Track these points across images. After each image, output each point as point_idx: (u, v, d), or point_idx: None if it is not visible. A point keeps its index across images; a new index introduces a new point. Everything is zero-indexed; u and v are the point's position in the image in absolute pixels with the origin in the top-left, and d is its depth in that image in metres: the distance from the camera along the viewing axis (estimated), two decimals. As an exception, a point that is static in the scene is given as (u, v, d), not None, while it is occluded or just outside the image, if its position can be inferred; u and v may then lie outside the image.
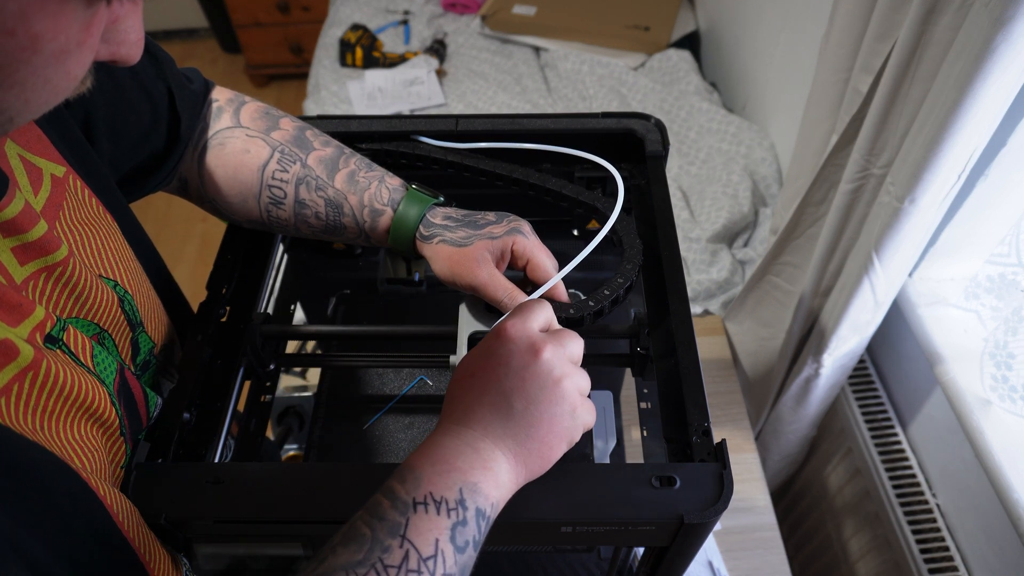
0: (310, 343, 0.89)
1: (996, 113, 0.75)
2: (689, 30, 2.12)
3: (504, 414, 0.44)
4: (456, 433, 0.44)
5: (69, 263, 0.46)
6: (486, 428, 0.44)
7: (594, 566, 0.75)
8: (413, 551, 0.39)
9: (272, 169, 0.61)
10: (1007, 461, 0.88)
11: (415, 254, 0.62)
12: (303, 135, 0.63)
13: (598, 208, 0.65)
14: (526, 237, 0.58)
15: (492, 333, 0.48)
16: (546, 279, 0.58)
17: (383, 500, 0.41)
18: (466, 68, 2.13)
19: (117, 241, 0.53)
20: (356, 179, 0.61)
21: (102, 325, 0.50)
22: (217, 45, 3.28)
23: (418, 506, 0.40)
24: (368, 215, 0.61)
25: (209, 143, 0.62)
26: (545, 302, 0.51)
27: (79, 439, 0.44)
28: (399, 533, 0.39)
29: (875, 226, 0.91)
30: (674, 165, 1.75)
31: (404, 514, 0.40)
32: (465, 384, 0.46)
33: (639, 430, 0.63)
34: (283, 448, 0.83)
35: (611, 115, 0.72)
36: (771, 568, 1.02)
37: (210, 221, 2.57)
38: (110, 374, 0.48)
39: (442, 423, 0.45)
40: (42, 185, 0.46)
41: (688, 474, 0.48)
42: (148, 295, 0.57)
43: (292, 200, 0.62)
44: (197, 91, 0.62)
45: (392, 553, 0.38)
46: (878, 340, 1.21)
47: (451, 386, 0.47)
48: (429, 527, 0.40)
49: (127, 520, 0.44)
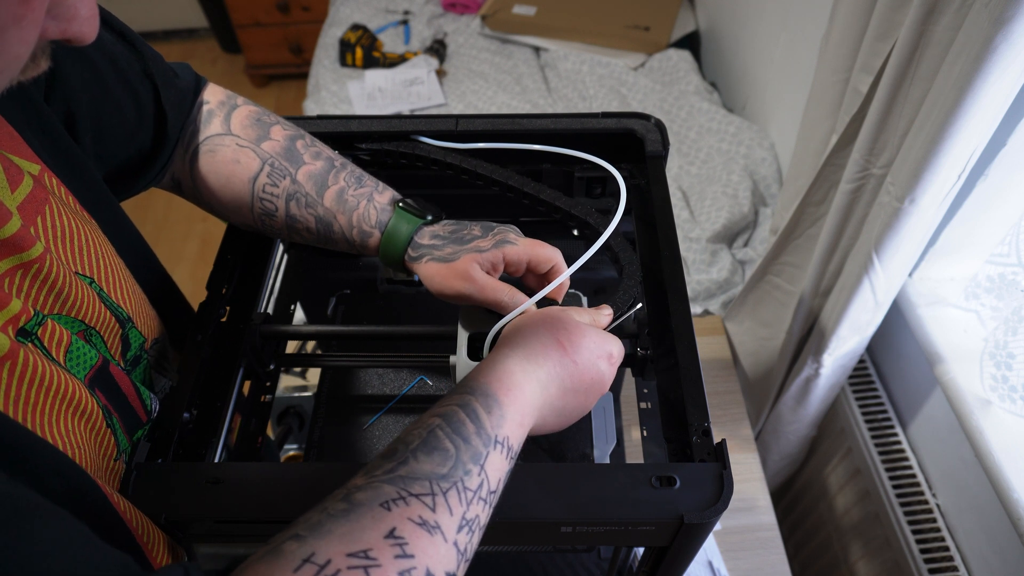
0: (310, 343, 0.89)
1: (996, 113, 0.75)
2: (689, 30, 2.12)
3: (558, 409, 0.49)
4: (535, 389, 0.47)
5: (46, 260, 0.45)
6: (549, 403, 0.48)
7: (594, 566, 0.75)
8: (486, 482, 0.42)
9: (262, 183, 0.61)
10: (1007, 461, 0.88)
11: (406, 272, 0.62)
12: (293, 147, 0.62)
13: (590, 223, 0.65)
14: (516, 244, 0.57)
15: (606, 356, 0.52)
16: (551, 265, 0.58)
17: (468, 422, 0.43)
18: (466, 68, 2.13)
19: (96, 238, 0.52)
20: (345, 197, 0.61)
21: (87, 322, 0.50)
22: (217, 45, 3.28)
23: (498, 444, 0.43)
24: (357, 235, 0.61)
25: (200, 148, 0.61)
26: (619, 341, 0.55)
27: (64, 432, 0.44)
28: (480, 463, 0.42)
29: (875, 226, 0.91)
30: (674, 165, 1.75)
31: (487, 446, 0.43)
32: (570, 361, 0.49)
33: (639, 430, 0.63)
34: (283, 448, 0.83)
35: (611, 115, 0.72)
36: (771, 568, 1.02)
37: (210, 221, 2.56)
38: (83, 369, 0.47)
39: (528, 363, 0.48)
40: (21, 182, 0.46)
41: (688, 474, 0.48)
42: (132, 291, 0.56)
43: (283, 214, 0.62)
44: (185, 88, 0.61)
45: (472, 477, 0.41)
46: (878, 340, 1.21)
47: (557, 347, 0.49)
48: (499, 466, 0.43)
49: (123, 504, 0.44)
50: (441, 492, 0.40)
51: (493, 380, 0.46)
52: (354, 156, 0.73)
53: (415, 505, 0.38)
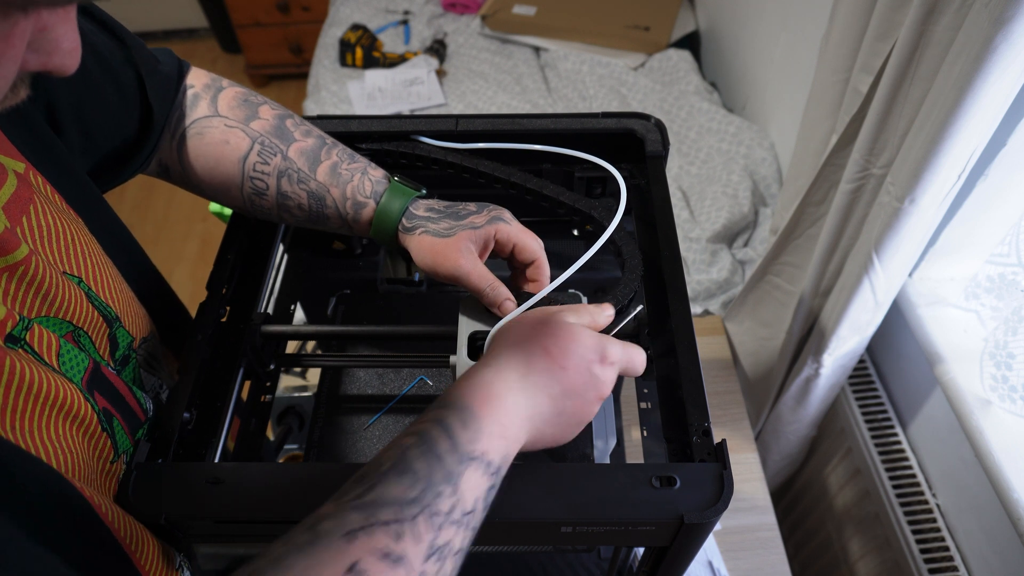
0: (310, 343, 0.89)
1: (996, 113, 0.75)
2: (689, 30, 2.12)
3: (553, 419, 0.46)
4: (516, 399, 0.45)
5: (32, 262, 0.45)
6: (539, 412, 0.46)
7: (594, 566, 0.75)
8: (459, 503, 0.40)
9: (253, 161, 0.60)
10: (1007, 461, 0.88)
11: (397, 246, 0.61)
12: (283, 125, 0.62)
13: (594, 217, 0.65)
14: (508, 224, 0.58)
15: (600, 357, 0.48)
16: (533, 259, 0.58)
17: (442, 440, 0.41)
18: (466, 68, 2.13)
19: (82, 236, 0.52)
20: (338, 171, 0.61)
21: (75, 322, 0.49)
22: (217, 45, 3.28)
23: (473, 461, 0.41)
24: (351, 207, 0.61)
25: (188, 132, 0.61)
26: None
27: (54, 439, 0.43)
28: (452, 482, 0.40)
29: (875, 226, 0.91)
30: (674, 165, 1.75)
31: (461, 463, 0.40)
32: (556, 365, 0.46)
33: (639, 430, 0.63)
34: (283, 448, 0.83)
35: (611, 115, 0.72)
36: (771, 568, 1.02)
37: (210, 221, 2.57)
38: (78, 372, 0.47)
39: (508, 371, 0.46)
40: (6, 181, 0.45)
41: (688, 474, 0.48)
42: (120, 289, 0.55)
43: (274, 192, 0.61)
44: (169, 74, 0.60)
45: (443, 500, 0.39)
46: (878, 340, 1.21)
47: (541, 349, 0.47)
48: (476, 484, 0.41)
49: (112, 514, 0.44)
50: (409, 518, 0.38)
51: (470, 392, 0.44)
52: (354, 156, 0.73)
53: (379, 535, 0.37)
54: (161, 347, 0.62)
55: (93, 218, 0.54)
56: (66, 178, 0.52)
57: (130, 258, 0.59)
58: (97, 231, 0.54)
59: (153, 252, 0.64)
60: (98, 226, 0.55)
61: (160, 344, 0.62)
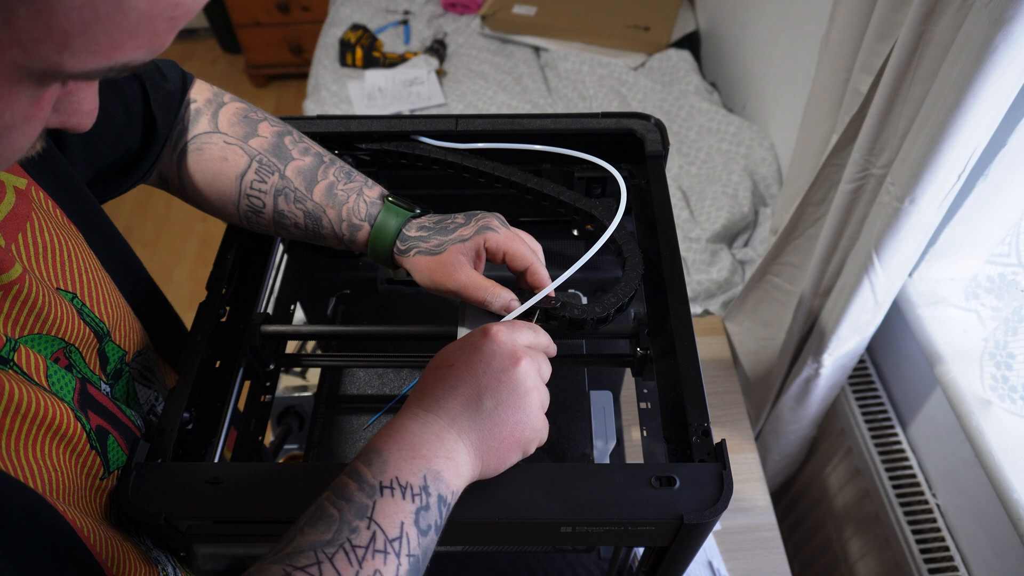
0: (310, 343, 0.89)
1: (996, 113, 0.75)
2: (689, 30, 2.12)
3: (473, 409, 0.46)
4: (423, 420, 0.45)
5: (25, 281, 0.45)
6: (453, 419, 0.45)
7: (594, 566, 0.75)
8: (380, 532, 0.40)
9: (250, 179, 0.61)
10: (1007, 461, 0.88)
11: (395, 266, 0.62)
12: (282, 142, 0.62)
13: (595, 216, 0.65)
14: (496, 232, 0.57)
15: (479, 331, 0.50)
16: (526, 266, 0.57)
17: (350, 482, 0.41)
18: (466, 68, 2.13)
19: (80, 251, 0.52)
20: (335, 192, 0.61)
21: (67, 339, 0.49)
22: (217, 45, 3.28)
23: (384, 490, 0.41)
24: (347, 229, 0.61)
25: (188, 146, 0.61)
26: (537, 327, 0.53)
27: (39, 458, 0.43)
28: (366, 515, 0.40)
29: (875, 226, 0.91)
30: (674, 165, 1.75)
31: (371, 496, 0.41)
32: (441, 373, 0.47)
33: (639, 430, 0.63)
34: (283, 448, 0.83)
35: (611, 115, 0.72)
36: (771, 568, 1.02)
37: (210, 221, 2.56)
38: (68, 392, 0.47)
39: (409, 407, 0.46)
40: (3, 199, 0.45)
41: (688, 474, 0.48)
42: (116, 303, 0.55)
43: (271, 210, 0.62)
44: (173, 89, 0.61)
45: (360, 534, 0.39)
46: (878, 340, 1.21)
47: (426, 373, 0.48)
48: (395, 510, 0.41)
49: (94, 536, 0.44)
50: (327, 558, 0.38)
51: (377, 437, 0.44)
52: (354, 156, 0.73)
53: None
54: (158, 360, 0.62)
55: (93, 232, 0.55)
56: (67, 192, 0.52)
57: (127, 271, 0.59)
58: (96, 245, 0.54)
59: (153, 252, 0.64)
60: (97, 240, 0.55)
61: (156, 357, 0.62)
